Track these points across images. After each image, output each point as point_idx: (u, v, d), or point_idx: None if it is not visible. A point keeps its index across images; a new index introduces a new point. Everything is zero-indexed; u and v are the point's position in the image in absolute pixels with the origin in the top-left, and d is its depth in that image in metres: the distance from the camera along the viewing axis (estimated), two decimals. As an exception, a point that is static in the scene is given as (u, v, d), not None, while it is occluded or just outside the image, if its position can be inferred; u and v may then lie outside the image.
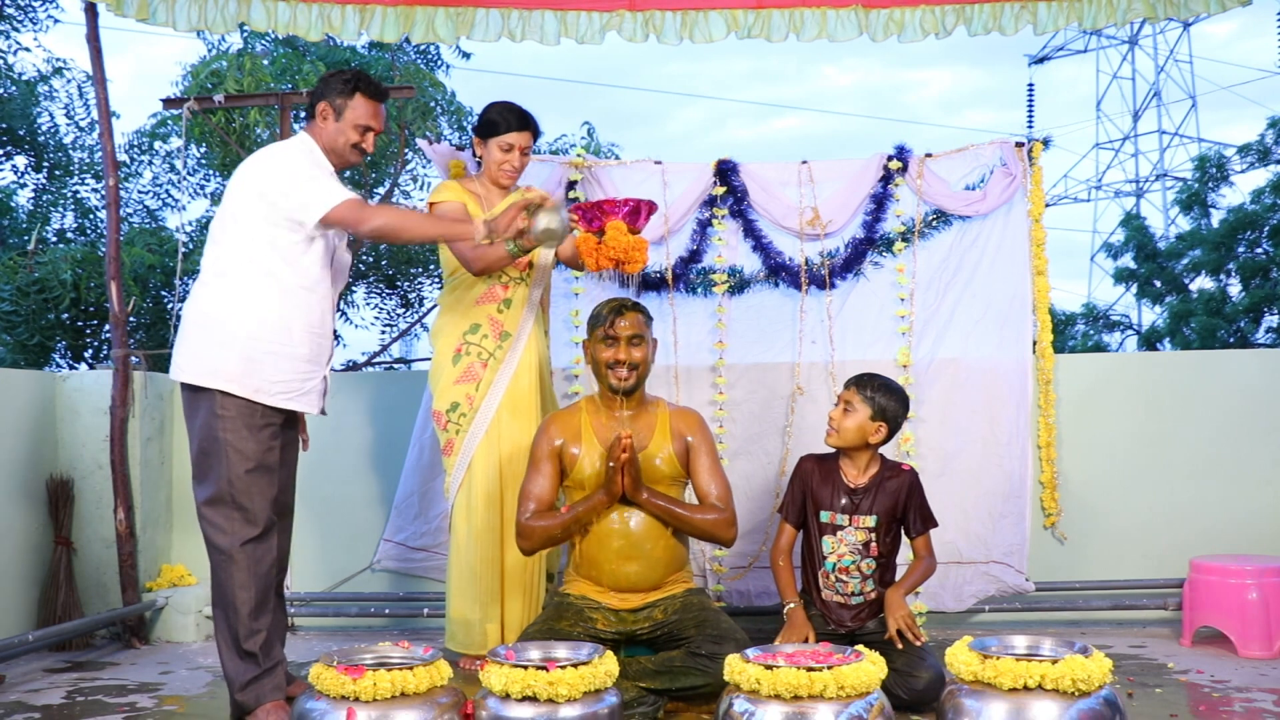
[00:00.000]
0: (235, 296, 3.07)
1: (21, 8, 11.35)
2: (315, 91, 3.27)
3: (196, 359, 3.08)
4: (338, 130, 3.23)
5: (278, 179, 3.09)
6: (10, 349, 7.50)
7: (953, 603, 4.36)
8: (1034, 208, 4.54)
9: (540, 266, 3.76)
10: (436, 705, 2.38)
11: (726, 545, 3.41)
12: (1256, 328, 14.99)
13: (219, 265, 3.12)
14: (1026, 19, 4.28)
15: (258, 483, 3.05)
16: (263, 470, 3.08)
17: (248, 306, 3.06)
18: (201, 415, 3.07)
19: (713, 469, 3.40)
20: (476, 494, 3.63)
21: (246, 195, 3.12)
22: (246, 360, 3.04)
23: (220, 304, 3.08)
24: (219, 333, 3.06)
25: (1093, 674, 2.33)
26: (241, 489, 3.03)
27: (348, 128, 3.23)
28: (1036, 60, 31.17)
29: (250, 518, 3.05)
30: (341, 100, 3.22)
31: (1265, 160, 15.72)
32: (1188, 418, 4.55)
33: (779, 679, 2.32)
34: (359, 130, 3.24)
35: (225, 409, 3.04)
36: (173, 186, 11.53)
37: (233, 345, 3.04)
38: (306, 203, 3.05)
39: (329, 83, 3.25)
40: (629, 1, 4.27)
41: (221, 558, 3.07)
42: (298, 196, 3.06)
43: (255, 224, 3.09)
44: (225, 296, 3.08)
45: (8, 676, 3.84)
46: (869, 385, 3.44)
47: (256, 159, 3.19)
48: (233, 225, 3.13)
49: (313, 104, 3.25)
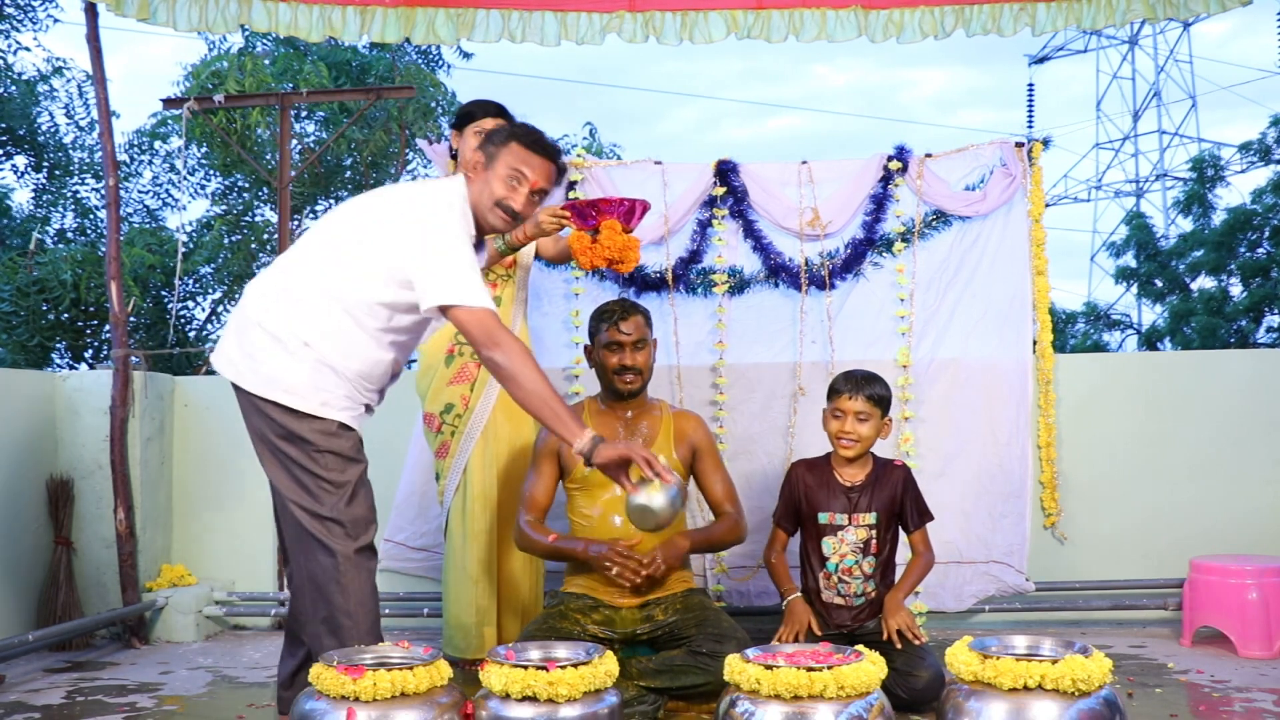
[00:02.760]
0: (314, 329, 2.74)
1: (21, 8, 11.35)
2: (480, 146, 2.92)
3: (258, 371, 2.75)
4: (486, 180, 2.84)
5: (419, 244, 2.71)
6: (10, 349, 7.51)
7: (953, 603, 4.37)
8: (1034, 208, 4.54)
9: (522, 264, 3.76)
10: (436, 705, 2.37)
11: (740, 543, 3.50)
12: (1257, 327, 15.00)
13: (306, 285, 2.77)
14: (1025, 20, 4.28)
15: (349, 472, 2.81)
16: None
17: (326, 344, 2.74)
18: (258, 417, 2.79)
19: (719, 471, 3.51)
20: (472, 496, 3.62)
21: (367, 234, 2.76)
22: (314, 384, 2.75)
23: (295, 329, 2.74)
24: (290, 356, 2.74)
25: (1093, 674, 2.33)
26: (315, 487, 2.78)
27: (497, 177, 2.82)
28: (1037, 60, 31.18)
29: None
30: (494, 148, 2.85)
31: (1266, 159, 15.72)
32: (1188, 418, 4.56)
33: (779, 679, 2.32)
34: (508, 181, 2.82)
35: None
36: (173, 186, 11.54)
37: (300, 369, 2.73)
38: (439, 288, 2.68)
39: (492, 134, 2.90)
40: (629, 2, 4.28)
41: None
42: (437, 278, 2.68)
43: (356, 266, 2.75)
44: (303, 324, 2.75)
45: (8, 676, 3.84)
46: (867, 386, 3.44)
47: (399, 202, 2.82)
48: (334, 253, 2.78)
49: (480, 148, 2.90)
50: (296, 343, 2.74)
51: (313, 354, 2.74)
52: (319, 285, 2.77)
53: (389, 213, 2.81)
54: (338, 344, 2.76)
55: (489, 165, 2.84)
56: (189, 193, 11.11)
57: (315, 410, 2.74)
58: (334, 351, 2.76)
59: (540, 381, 2.73)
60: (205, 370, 9.94)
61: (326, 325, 2.75)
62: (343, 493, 2.76)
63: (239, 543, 4.74)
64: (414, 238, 2.73)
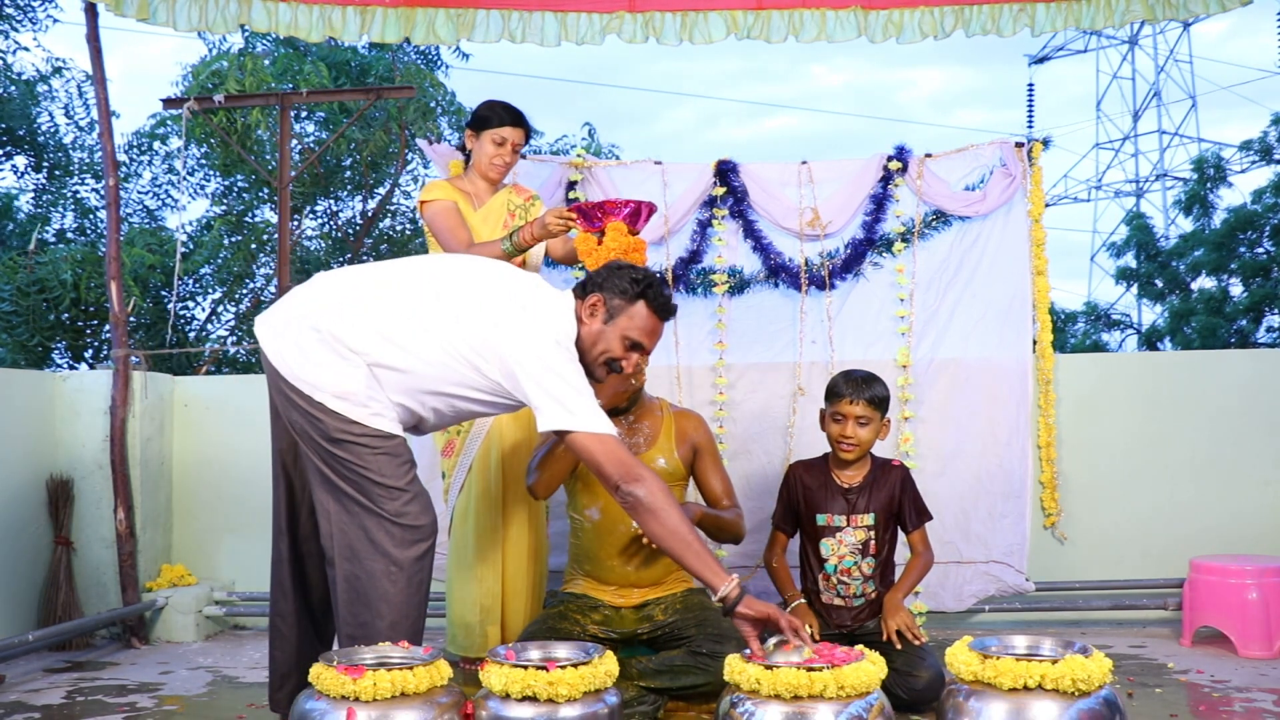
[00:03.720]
0: (386, 366, 2.68)
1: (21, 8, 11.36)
2: (597, 278, 2.77)
3: (318, 379, 2.67)
4: (600, 334, 2.73)
5: (541, 370, 2.60)
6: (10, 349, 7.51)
7: (953, 603, 4.37)
8: (1034, 208, 4.54)
9: (533, 264, 3.77)
10: (436, 705, 2.37)
11: (739, 540, 3.47)
12: (1257, 327, 15.01)
13: (393, 327, 2.68)
14: (1025, 20, 4.28)
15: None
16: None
17: (392, 378, 2.69)
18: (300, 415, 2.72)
19: (719, 469, 3.50)
20: (476, 495, 3.62)
21: (484, 332, 2.66)
22: (366, 398, 2.67)
23: (365, 359, 2.66)
24: (351, 383, 2.66)
25: (1093, 674, 2.33)
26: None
27: (614, 336, 2.73)
28: (1037, 60, 31.16)
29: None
30: (621, 302, 2.74)
31: (1267, 158, 15.72)
32: (1187, 418, 4.56)
33: (779, 679, 2.32)
34: (625, 344, 2.74)
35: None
36: (172, 187, 11.54)
37: (358, 390, 2.65)
38: (555, 409, 2.57)
39: (615, 276, 2.77)
40: (629, 3, 4.28)
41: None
42: (549, 393, 2.58)
43: (454, 340, 2.67)
44: (379, 359, 2.67)
45: (8, 676, 3.84)
46: (867, 389, 3.42)
47: (516, 307, 2.69)
48: (425, 311, 2.69)
49: (585, 289, 2.78)
50: (355, 358, 2.66)
51: (365, 367, 2.67)
52: (412, 333, 2.67)
53: (501, 315, 2.68)
54: (397, 380, 2.69)
55: (610, 319, 2.74)
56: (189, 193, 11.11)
57: (365, 420, 2.67)
58: (391, 379, 2.69)
59: (681, 520, 2.60)
60: (205, 370, 9.95)
61: (398, 362, 2.67)
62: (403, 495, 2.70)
63: (238, 542, 4.73)
64: (526, 356, 2.61)
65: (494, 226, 3.71)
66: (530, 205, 3.85)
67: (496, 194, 3.78)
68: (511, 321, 2.67)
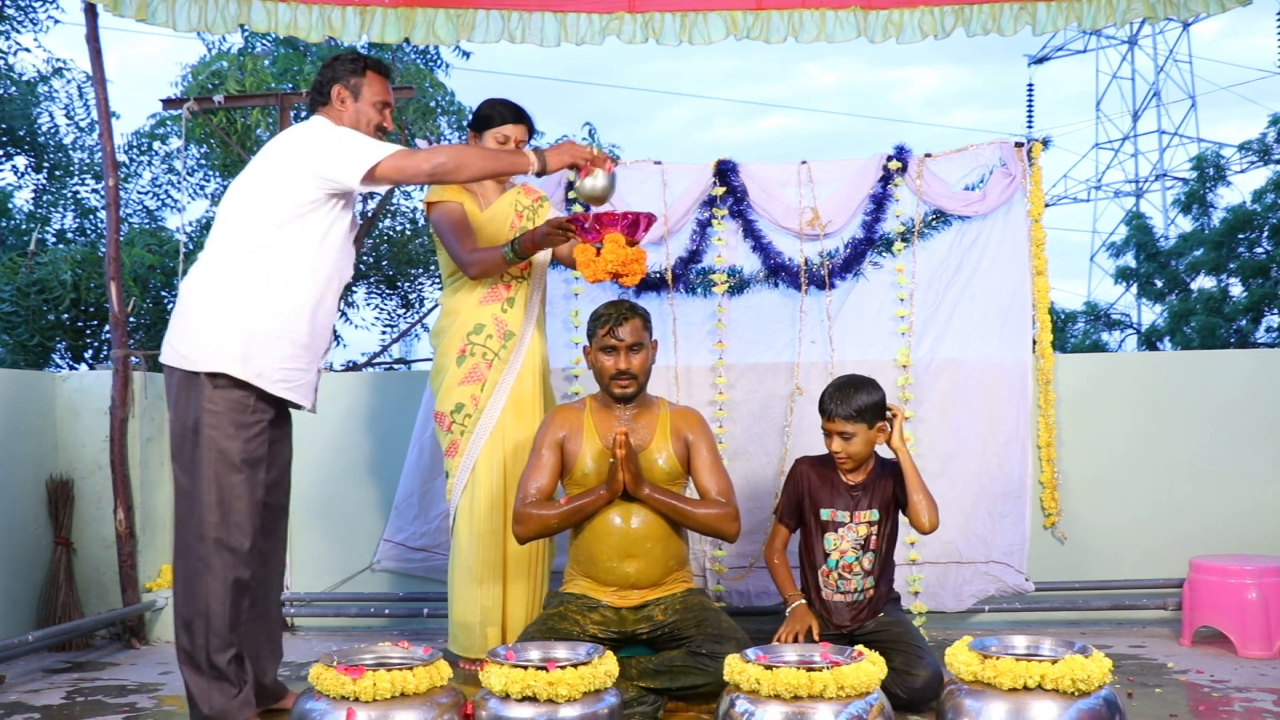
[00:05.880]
0: (241, 278, 2.95)
1: (21, 8, 11.35)
2: (322, 78, 3.18)
3: (193, 342, 2.93)
4: (358, 111, 3.17)
5: (319, 144, 3.00)
6: (10, 349, 7.50)
7: (952, 603, 4.37)
8: (1033, 208, 4.54)
9: (538, 265, 3.76)
10: (436, 705, 2.38)
11: (730, 540, 3.41)
12: (1256, 327, 15.00)
13: (225, 246, 2.99)
14: (1025, 20, 4.28)
15: (241, 483, 2.91)
16: (246, 469, 2.93)
17: (254, 289, 2.94)
18: (190, 406, 2.93)
19: (713, 465, 3.41)
20: (479, 496, 3.62)
21: (274, 171, 3.00)
22: (246, 343, 2.91)
23: (224, 285, 2.95)
24: (220, 313, 2.93)
25: (1092, 674, 2.33)
26: (224, 488, 2.89)
27: (367, 106, 3.18)
28: (1036, 60, 31.18)
29: (229, 520, 2.90)
30: (356, 80, 3.17)
31: (1266, 158, 15.72)
32: (1187, 417, 4.56)
33: (779, 679, 2.32)
34: (378, 108, 3.21)
35: (214, 403, 2.90)
36: (172, 187, 11.53)
37: (234, 326, 2.91)
38: (354, 160, 2.96)
39: (336, 67, 3.18)
40: (628, 3, 4.28)
41: (197, 563, 2.90)
42: (346, 154, 2.97)
43: (274, 205, 2.97)
44: (229, 278, 2.95)
45: (8, 676, 3.84)
46: (845, 405, 3.38)
47: (288, 136, 3.08)
48: (247, 207, 3.00)
49: (323, 88, 3.17)
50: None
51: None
52: (238, 239, 3.01)
53: (285, 148, 3.03)
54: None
55: (357, 97, 3.17)
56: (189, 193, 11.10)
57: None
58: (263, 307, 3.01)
59: (475, 152, 3.20)
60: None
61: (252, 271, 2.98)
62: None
63: (239, 543, 4.73)
64: (318, 149, 2.99)
65: (501, 226, 3.70)
66: (539, 206, 3.83)
67: (504, 194, 3.77)
68: (298, 136, 3.07)
